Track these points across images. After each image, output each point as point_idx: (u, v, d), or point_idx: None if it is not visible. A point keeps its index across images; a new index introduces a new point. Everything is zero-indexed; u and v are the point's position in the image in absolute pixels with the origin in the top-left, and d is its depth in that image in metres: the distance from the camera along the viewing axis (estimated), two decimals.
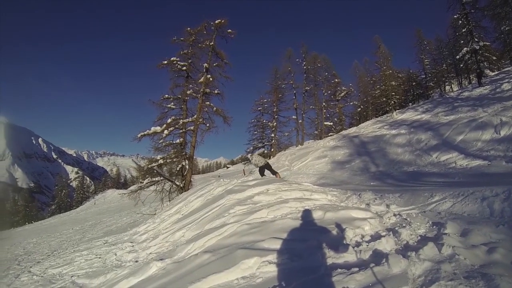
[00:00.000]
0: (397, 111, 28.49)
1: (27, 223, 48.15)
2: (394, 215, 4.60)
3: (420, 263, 2.79)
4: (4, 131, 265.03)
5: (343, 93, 36.31)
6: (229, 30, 16.14)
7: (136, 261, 6.10)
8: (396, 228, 3.88)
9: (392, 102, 31.40)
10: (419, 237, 3.57)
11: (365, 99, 39.10)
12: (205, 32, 16.13)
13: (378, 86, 36.32)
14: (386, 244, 3.43)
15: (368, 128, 24.46)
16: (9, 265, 10.37)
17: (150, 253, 6.35)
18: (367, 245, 3.52)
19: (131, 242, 8.20)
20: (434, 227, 3.79)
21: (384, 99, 33.63)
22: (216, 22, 15.97)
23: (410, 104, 34.35)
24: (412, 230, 3.76)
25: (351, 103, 37.95)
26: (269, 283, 3.27)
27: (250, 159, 11.82)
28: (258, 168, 11.38)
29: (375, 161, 15.99)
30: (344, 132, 28.42)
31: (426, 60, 37.46)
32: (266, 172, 11.23)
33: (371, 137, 20.84)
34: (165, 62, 15.52)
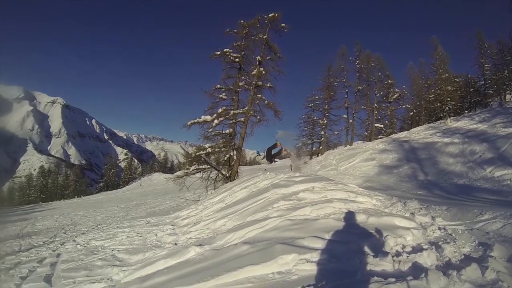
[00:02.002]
0: (451, 118, 27.01)
1: (76, 196, 50.67)
2: (439, 228, 4.43)
3: (460, 283, 2.68)
4: (61, 111, 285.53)
5: (395, 95, 34.73)
6: (283, 24, 15.92)
7: (176, 244, 6.27)
8: (440, 243, 3.74)
9: (447, 108, 29.64)
10: (462, 256, 3.43)
11: (418, 103, 36.88)
12: (258, 25, 16.04)
13: (432, 90, 34.21)
14: (427, 258, 3.33)
15: (420, 134, 23.44)
16: (56, 233, 10.94)
17: (190, 237, 6.51)
18: (407, 256, 3.44)
19: (172, 225, 8.45)
20: (480, 247, 3.61)
21: (438, 104, 31.78)
22: (270, 15, 15.83)
23: (466, 111, 32.26)
24: (456, 248, 3.61)
25: (404, 106, 36.12)
26: (303, 282, 3.28)
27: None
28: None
29: (424, 169, 15.35)
30: (394, 136, 27.44)
31: (486, 65, 34.45)
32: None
33: (422, 144, 19.99)
34: (218, 53, 15.62)
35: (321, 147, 33.73)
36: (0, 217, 20.68)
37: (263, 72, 15.70)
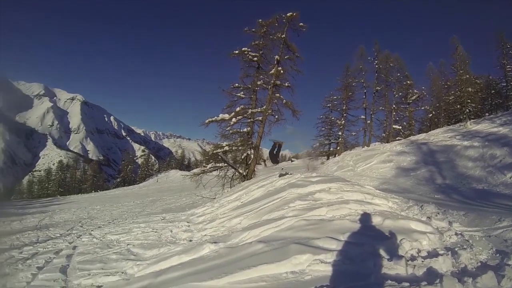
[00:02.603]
0: (471, 120, 26.32)
1: (93, 191, 51.33)
2: (456, 234, 4.35)
3: None
4: (80, 108, 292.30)
5: (414, 96, 34.15)
6: (301, 24, 15.89)
7: (190, 241, 6.36)
8: (456, 249, 3.69)
9: (467, 110, 28.86)
10: (479, 263, 3.36)
11: (437, 104, 36.10)
12: (276, 24, 16.05)
13: (452, 92, 33.32)
14: (443, 264, 3.29)
15: (438, 136, 22.96)
16: (73, 226, 11.14)
17: (205, 235, 6.59)
18: (422, 261, 3.41)
19: (188, 222, 8.57)
20: (498, 255, 3.53)
21: (458, 106, 30.93)
22: (288, 15, 15.82)
23: (487, 114, 31.40)
24: (473, 254, 3.56)
25: (422, 108, 35.53)
26: (316, 282, 3.29)
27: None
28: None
29: (442, 172, 15.05)
30: (412, 138, 26.96)
31: (508, 66, 33.11)
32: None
33: (440, 146, 19.60)
34: (237, 51, 15.69)
35: (338, 148, 33.46)
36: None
37: (281, 71, 15.71)
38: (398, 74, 33.84)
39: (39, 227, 11.52)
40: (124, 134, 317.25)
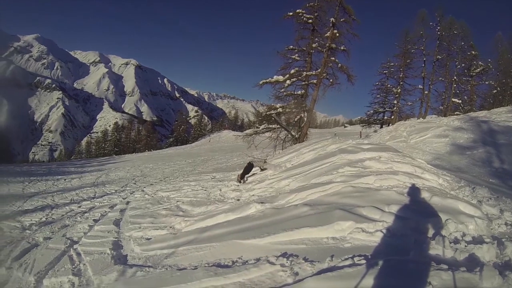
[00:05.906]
0: None
1: (147, 150, 54.50)
2: (506, 224, 4.03)
3: None
4: (135, 72, 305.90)
5: (478, 69, 31.08)
6: None
7: (238, 200, 6.69)
8: (503, 240, 3.40)
9: None
10: None
11: (504, 80, 32.72)
12: None
13: None
14: (486, 253, 3.08)
15: (502, 116, 20.98)
16: (127, 183, 12.20)
17: (253, 195, 6.86)
18: (465, 246, 3.25)
19: (237, 182, 8.87)
20: None
21: None
22: None
23: None
24: None
25: (487, 82, 32.36)
26: (355, 251, 3.29)
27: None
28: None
29: (501, 155, 13.94)
30: (472, 114, 24.81)
31: None
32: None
33: (502, 127, 17.96)
34: (291, 13, 15.41)
35: (392, 117, 32.28)
36: None
37: (337, 34, 15.21)
38: (462, 43, 30.70)
39: (96, 184, 12.70)
40: (177, 95, 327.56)
